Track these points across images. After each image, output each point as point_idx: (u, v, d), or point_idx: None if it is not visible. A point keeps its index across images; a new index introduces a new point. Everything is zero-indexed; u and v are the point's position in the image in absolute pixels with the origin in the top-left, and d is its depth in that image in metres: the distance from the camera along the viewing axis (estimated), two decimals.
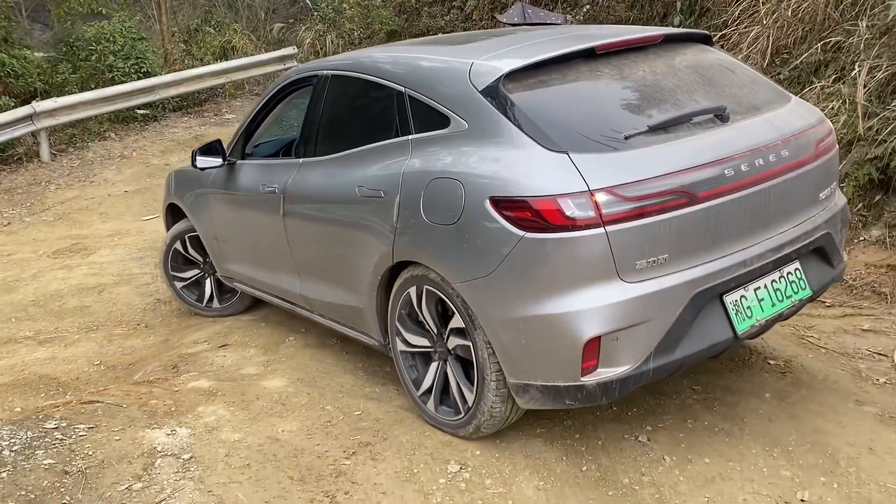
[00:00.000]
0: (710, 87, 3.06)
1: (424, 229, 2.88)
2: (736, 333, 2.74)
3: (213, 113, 11.97)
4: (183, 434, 3.15)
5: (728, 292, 2.74)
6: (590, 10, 10.05)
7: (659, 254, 2.57)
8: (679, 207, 2.58)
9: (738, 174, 2.70)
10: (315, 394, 3.52)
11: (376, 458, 2.94)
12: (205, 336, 4.51)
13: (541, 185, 2.54)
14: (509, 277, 2.61)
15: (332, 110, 3.66)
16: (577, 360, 2.55)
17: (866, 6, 5.94)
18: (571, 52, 2.96)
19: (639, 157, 2.61)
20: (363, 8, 14.26)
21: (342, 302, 3.54)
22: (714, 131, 2.81)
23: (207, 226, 4.55)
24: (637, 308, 2.55)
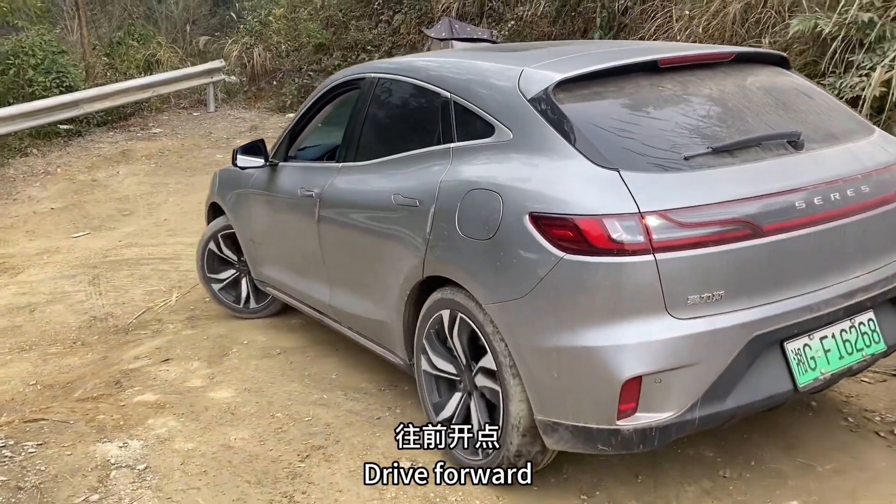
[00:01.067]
0: (784, 112, 2.84)
1: (458, 243, 2.70)
2: (796, 386, 2.47)
3: (139, 127, 11.77)
4: (135, 446, 3.19)
5: (790, 339, 2.48)
6: (514, 26, 10.39)
7: (715, 289, 2.32)
8: (741, 239, 2.34)
9: (810, 207, 2.45)
10: (264, 402, 3.61)
11: (330, 460, 3.06)
12: (146, 351, 4.51)
13: (586, 203, 2.34)
14: (545, 302, 2.41)
15: (375, 114, 3.53)
16: (614, 402, 2.31)
17: (769, 24, 6.42)
18: (631, 64, 2.78)
19: (699, 180, 2.40)
20: (290, 21, 14.27)
21: (369, 315, 3.39)
22: (786, 158, 2.57)
23: (245, 227, 4.49)
24: (686, 348, 2.31)
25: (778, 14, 6.38)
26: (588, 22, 9.22)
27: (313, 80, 12.98)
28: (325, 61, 13.19)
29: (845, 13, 5.45)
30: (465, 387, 2.89)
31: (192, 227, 7.01)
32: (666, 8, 7.79)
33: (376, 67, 3.66)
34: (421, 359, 3.04)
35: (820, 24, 5.52)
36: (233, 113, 12.93)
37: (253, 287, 4.74)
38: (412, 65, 3.42)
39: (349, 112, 3.70)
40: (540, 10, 10.04)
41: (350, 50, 13.06)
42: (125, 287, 5.51)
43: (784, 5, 6.36)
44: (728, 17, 6.79)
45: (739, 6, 6.71)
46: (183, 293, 5.30)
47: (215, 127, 11.86)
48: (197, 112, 12.98)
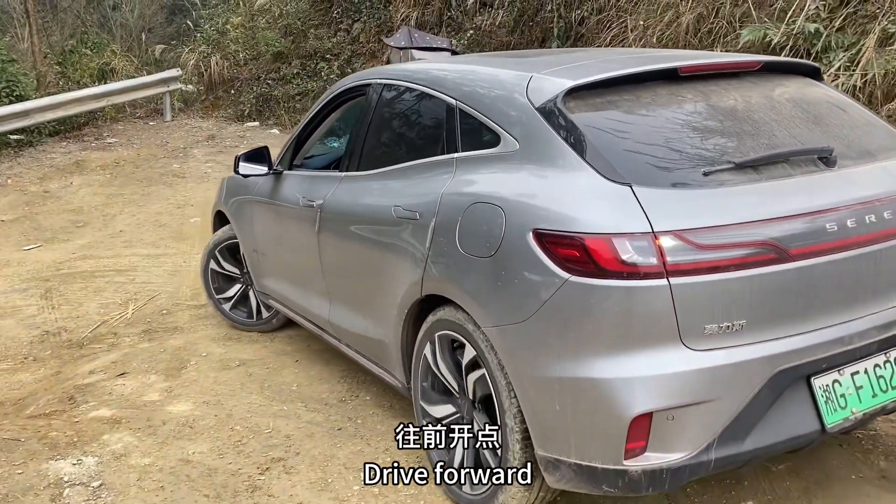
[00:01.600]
0: (815, 126, 2.60)
1: (457, 260, 2.53)
2: (824, 426, 2.26)
3: (93, 137, 11.55)
4: (90, 463, 3.13)
5: (818, 375, 2.27)
6: (473, 35, 10.46)
7: (735, 318, 2.13)
8: (765, 264, 2.14)
9: (842, 230, 2.24)
10: (223, 415, 3.56)
11: (290, 472, 3.03)
12: (101, 366, 4.41)
13: (594, 221, 2.15)
14: (548, 327, 2.22)
15: (380, 122, 3.36)
16: (621, 439, 2.12)
17: (721, 34, 6.57)
18: (649, 72, 2.58)
19: (719, 197, 2.19)
20: (248, 29, 14.17)
21: (367, 334, 3.22)
22: (816, 176, 2.35)
23: (249, 237, 4.35)
24: (702, 382, 2.12)
25: (729, 24, 6.54)
26: (546, 31, 9.33)
27: (272, 88, 12.90)
28: (283, 70, 13.12)
29: (793, 24, 5.62)
30: (463, 417, 2.74)
31: (149, 238, 6.90)
32: (621, 18, 7.94)
33: (382, 73, 3.51)
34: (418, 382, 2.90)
35: (769, 34, 5.68)
36: (190, 122, 12.77)
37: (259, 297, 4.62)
38: (418, 70, 3.25)
39: (354, 120, 3.59)
40: (498, 19, 10.13)
41: (309, 58, 13.01)
42: (79, 300, 5.39)
43: (735, 16, 6.52)
44: (681, 28, 6.94)
45: (692, 17, 6.87)
46: (139, 305, 5.20)
47: (172, 136, 11.69)
48: (153, 121, 12.78)
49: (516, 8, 9.77)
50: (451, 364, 2.72)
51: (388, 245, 2.97)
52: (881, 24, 5.24)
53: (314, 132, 4.02)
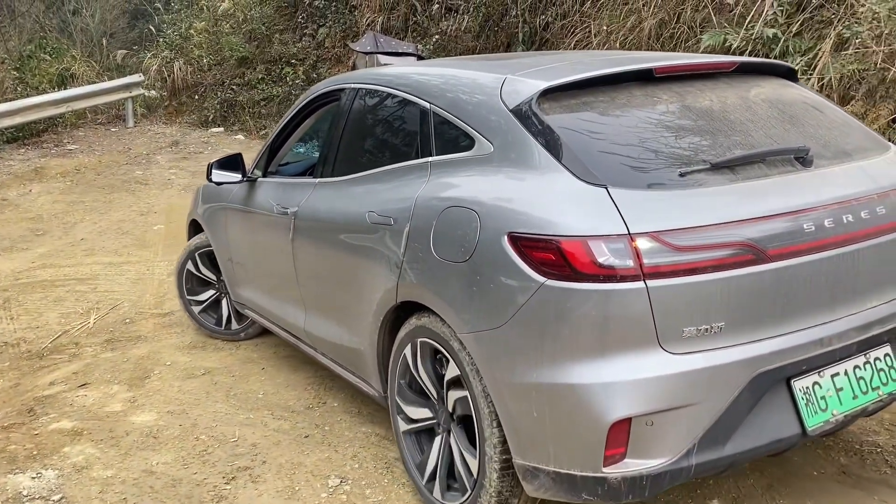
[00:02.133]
0: (791, 126, 2.59)
1: (432, 266, 2.49)
2: (805, 429, 2.23)
3: (53, 144, 11.33)
4: (50, 476, 3.06)
5: (798, 377, 2.25)
6: (439, 41, 10.48)
7: (714, 321, 2.10)
8: (743, 265, 2.12)
9: (820, 231, 2.23)
10: (188, 424, 3.51)
11: (257, 481, 2.99)
12: (62, 377, 4.32)
13: (569, 223, 2.11)
14: (523, 333, 2.18)
15: (354, 127, 3.31)
16: (600, 446, 2.08)
17: (682, 39, 6.67)
18: (624, 73, 2.57)
19: (696, 198, 2.17)
20: (212, 34, 14.02)
21: (343, 342, 3.18)
22: (793, 176, 2.34)
23: (224, 246, 4.29)
24: (681, 387, 2.09)
25: (690, 29, 6.64)
26: (511, 37, 9.39)
27: (236, 94, 12.78)
28: (248, 75, 13.01)
29: (752, 29, 5.72)
30: (442, 427, 2.69)
31: (111, 245, 6.79)
32: (585, 23, 8.01)
33: (356, 77, 3.48)
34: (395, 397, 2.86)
35: (729, 38, 5.78)
36: (153, 128, 12.60)
37: (234, 307, 4.54)
38: (392, 74, 3.22)
39: (328, 125, 3.56)
40: (464, 24, 10.16)
41: (274, 63, 12.92)
42: (39, 310, 5.28)
43: (696, 21, 6.63)
44: (644, 33, 7.03)
45: (654, 22, 6.96)
46: (101, 315, 5.11)
47: (134, 143, 11.52)
48: (115, 128, 12.59)
49: (481, 13, 9.81)
50: (431, 370, 2.68)
51: (363, 252, 2.92)
52: (836, 29, 5.36)
53: (289, 138, 3.98)
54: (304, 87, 12.14)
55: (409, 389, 2.81)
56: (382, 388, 2.97)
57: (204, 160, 10.44)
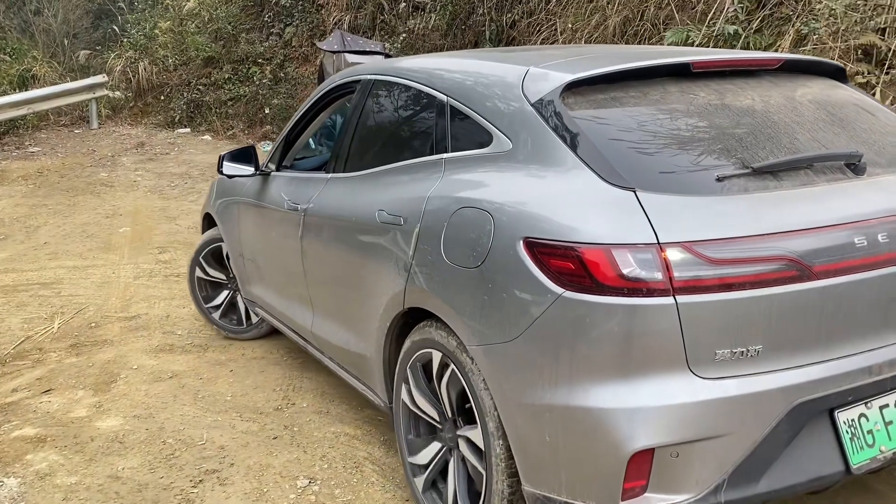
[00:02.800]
0: (842, 130, 2.36)
1: (442, 270, 2.30)
2: (849, 467, 2.00)
3: (14, 146, 11.12)
4: (11, 484, 3.01)
5: (843, 408, 2.02)
6: (406, 39, 10.47)
7: (751, 343, 1.90)
8: (786, 282, 1.91)
9: (872, 246, 2.00)
10: (154, 428, 3.47)
11: (224, 483, 2.97)
12: (24, 383, 4.25)
13: (592, 230, 1.93)
14: (538, 348, 1.99)
15: (367, 121, 3.16)
16: (619, 478, 1.88)
17: (646, 36, 6.75)
18: (658, 66, 2.37)
19: (735, 206, 1.96)
20: (177, 34, 13.87)
21: (349, 347, 3.03)
22: (844, 184, 2.12)
23: (235, 242, 4.17)
24: (711, 415, 1.89)
25: (654, 26, 6.72)
26: (478, 35, 9.42)
27: (203, 94, 12.66)
28: (214, 75, 12.90)
29: (713, 25, 5.80)
30: (446, 440, 2.54)
31: (75, 249, 6.68)
32: (551, 21, 8.07)
33: (372, 69, 3.31)
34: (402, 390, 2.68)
35: (691, 35, 5.86)
36: (118, 129, 12.43)
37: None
38: (408, 65, 3.07)
39: (342, 119, 3.37)
40: (431, 23, 10.17)
41: (241, 63, 12.82)
42: (1, 316, 5.18)
43: (659, 18, 6.71)
44: (609, 30, 7.09)
45: (619, 20, 7.03)
46: (66, 319, 5.03)
47: (99, 144, 11.36)
48: (79, 129, 12.39)
49: (448, 11, 9.82)
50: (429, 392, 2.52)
51: (372, 252, 2.75)
52: (795, 25, 5.47)
53: (303, 131, 3.85)
54: (272, 86, 12.08)
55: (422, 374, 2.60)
56: (388, 397, 2.82)
57: (170, 161, 10.33)
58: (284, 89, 11.96)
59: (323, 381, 3.90)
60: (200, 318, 4.85)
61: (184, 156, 10.68)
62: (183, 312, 5.02)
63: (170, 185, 9.10)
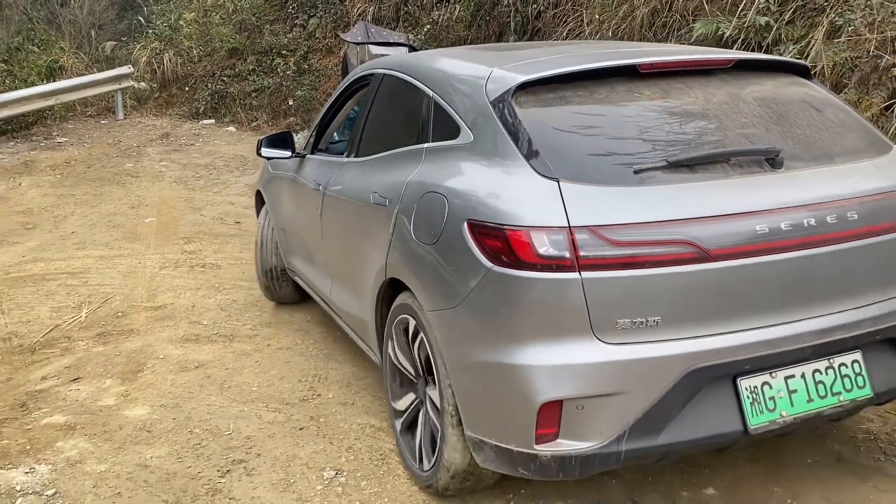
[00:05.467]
0: (777, 126, 2.55)
1: (411, 245, 2.64)
2: (747, 427, 2.25)
3: (43, 136, 11.24)
4: (43, 471, 3.04)
5: (746, 375, 2.26)
6: (430, 30, 10.43)
7: (649, 315, 2.16)
8: (685, 262, 2.15)
9: (775, 233, 2.23)
10: (181, 418, 3.49)
11: (252, 474, 2.98)
12: (54, 371, 4.29)
13: (518, 214, 2.21)
14: (473, 314, 2.31)
15: (376, 111, 3.50)
16: (532, 425, 2.19)
17: (675, 28, 6.65)
18: (604, 68, 2.58)
19: (645, 195, 2.21)
20: (202, 25, 13.92)
21: (353, 312, 3.42)
22: (757, 177, 2.34)
23: (277, 216, 4.63)
24: (612, 375, 2.16)
25: (683, 18, 6.61)
26: (503, 26, 9.35)
27: (227, 85, 12.70)
28: (238, 66, 12.93)
29: (744, 17, 5.70)
30: (419, 394, 2.88)
31: (102, 239, 6.74)
32: (577, 12, 7.98)
33: (384, 63, 3.67)
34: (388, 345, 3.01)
35: (721, 27, 5.76)
36: (143, 120, 12.52)
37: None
38: (411, 62, 3.37)
39: (360, 107, 3.77)
40: (455, 14, 10.11)
41: (265, 55, 12.83)
42: (30, 304, 5.24)
43: (688, 9, 6.60)
44: (636, 21, 7.00)
45: (647, 10, 6.93)
46: (93, 308, 5.08)
47: (124, 135, 11.45)
48: (105, 120, 12.50)
49: (473, 2, 9.75)
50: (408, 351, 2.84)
51: (365, 228, 3.11)
52: (829, 16, 5.35)
53: (334, 118, 4.20)
54: (295, 78, 12.09)
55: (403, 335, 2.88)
56: (381, 355, 3.13)
57: (195, 152, 10.39)
58: (308, 81, 11.97)
59: (348, 373, 3.90)
60: (226, 308, 4.88)
61: (208, 147, 10.73)
62: (208, 303, 5.04)
63: (195, 176, 9.15)
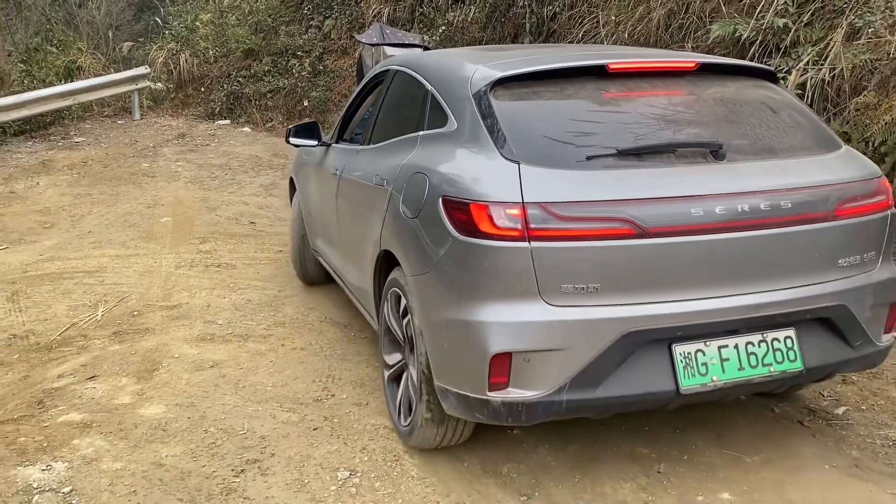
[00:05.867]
0: (729, 124, 2.82)
1: (399, 220, 3.00)
2: (679, 389, 2.50)
3: (60, 136, 11.33)
4: (59, 468, 3.06)
5: (681, 342, 2.52)
6: (445, 32, 10.43)
7: (589, 282, 2.43)
8: (622, 238, 2.42)
9: (709, 216, 2.48)
10: (196, 417, 3.50)
11: (266, 474, 2.99)
12: (70, 369, 4.32)
13: (481, 191, 2.54)
14: (441, 278, 2.64)
15: (387, 103, 3.87)
16: (485, 374, 2.48)
17: (691, 29, 6.62)
18: (577, 67, 2.90)
19: (590, 178, 2.50)
20: (218, 26, 13.99)
21: (358, 283, 3.80)
22: (699, 167, 2.61)
23: (305, 202, 5.05)
24: (555, 333, 2.44)
25: (699, 19, 6.58)
26: (518, 27, 9.34)
27: (243, 86, 12.76)
28: (254, 67, 12.98)
29: (762, 18, 5.66)
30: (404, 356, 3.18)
31: (118, 238, 6.79)
32: (593, 14, 7.96)
33: (397, 61, 4.03)
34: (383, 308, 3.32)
35: (739, 28, 5.73)
36: (159, 120, 12.60)
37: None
38: (416, 59, 3.77)
39: (374, 101, 4.12)
40: (471, 15, 10.11)
41: (280, 55, 12.89)
42: (47, 302, 5.28)
43: (705, 11, 6.57)
44: (652, 23, 6.97)
45: (663, 12, 6.91)
46: (109, 307, 5.11)
47: (141, 135, 11.52)
48: (122, 120, 12.59)
49: (488, 4, 9.75)
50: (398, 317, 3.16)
51: (368, 208, 3.44)
52: (848, 18, 5.31)
53: (357, 111, 4.53)
54: (310, 79, 12.14)
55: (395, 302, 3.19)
56: (378, 321, 3.45)
57: (211, 152, 10.44)
58: (323, 82, 12.01)
59: (362, 374, 3.91)
60: (241, 308, 4.91)
61: (224, 147, 10.78)
62: (223, 302, 5.07)
63: (210, 176, 9.20)
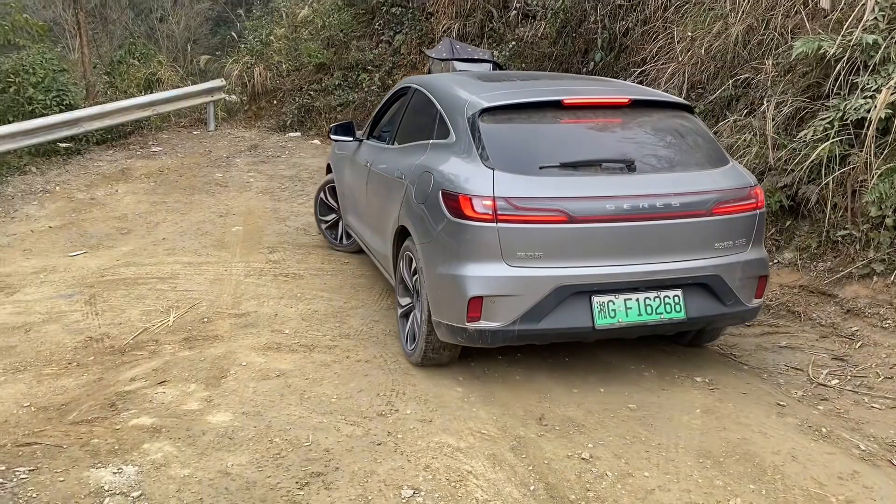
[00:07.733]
0: (644, 146, 3.91)
1: (411, 205, 4.15)
2: (594, 325, 3.61)
3: (139, 146, 11.73)
4: (130, 472, 3.11)
5: (597, 294, 3.61)
6: (515, 47, 10.40)
7: (535, 251, 3.55)
8: (557, 223, 3.54)
9: (618, 210, 3.57)
10: (262, 426, 3.52)
11: (330, 488, 2.97)
12: (142, 373, 4.42)
13: (467, 187, 3.67)
14: (439, 245, 3.78)
15: (408, 113, 5.02)
16: (464, 310, 3.61)
17: (772, 46, 6.40)
18: (540, 102, 4.00)
19: (539, 182, 3.63)
20: (291, 41, 14.29)
21: (381, 250, 4.91)
22: (616, 177, 3.72)
23: (340, 184, 6.29)
24: (511, 284, 3.56)
25: (781, 36, 6.36)
26: (589, 42, 9.23)
27: (314, 99, 12.97)
28: (325, 81, 13.19)
29: (849, 35, 5.43)
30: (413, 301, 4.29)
31: (191, 245, 6.95)
32: (668, 29, 7.80)
33: (415, 81, 5.19)
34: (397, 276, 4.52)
35: (824, 45, 5.50)
36: (233, 132, 12.91)
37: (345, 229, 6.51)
38: (430, 81, 4.93)
39: (398, 109, 5.27)
40: (541, 31, 10.05)
41: (351, 70, 13.07)
42: (122, 307, 5.44)
43: (787, 27, 6.35)
44: (730, 39, 6.78)
45: (742, 28, 6.71)
46: (181, 314, 5.22)
47: (215, 146, 11.83)
48: (197, 131, 12.96)
49: (559, 19, 9.68)
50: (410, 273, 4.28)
51: (390, 194, 4.61)
52: None
53: (383, 115, 5.69)
54: (380, 93, 12.26)
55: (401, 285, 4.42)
56: (395, 277, 4.56)
57: (281, 164, 10.64)
58: None
59: (426, 389, 3.87)
60: (307, 318, 4.94)
61: (294, 159, 10.97)
62: (290, 312, 5.12)
63: (280, 187, 9.36)
